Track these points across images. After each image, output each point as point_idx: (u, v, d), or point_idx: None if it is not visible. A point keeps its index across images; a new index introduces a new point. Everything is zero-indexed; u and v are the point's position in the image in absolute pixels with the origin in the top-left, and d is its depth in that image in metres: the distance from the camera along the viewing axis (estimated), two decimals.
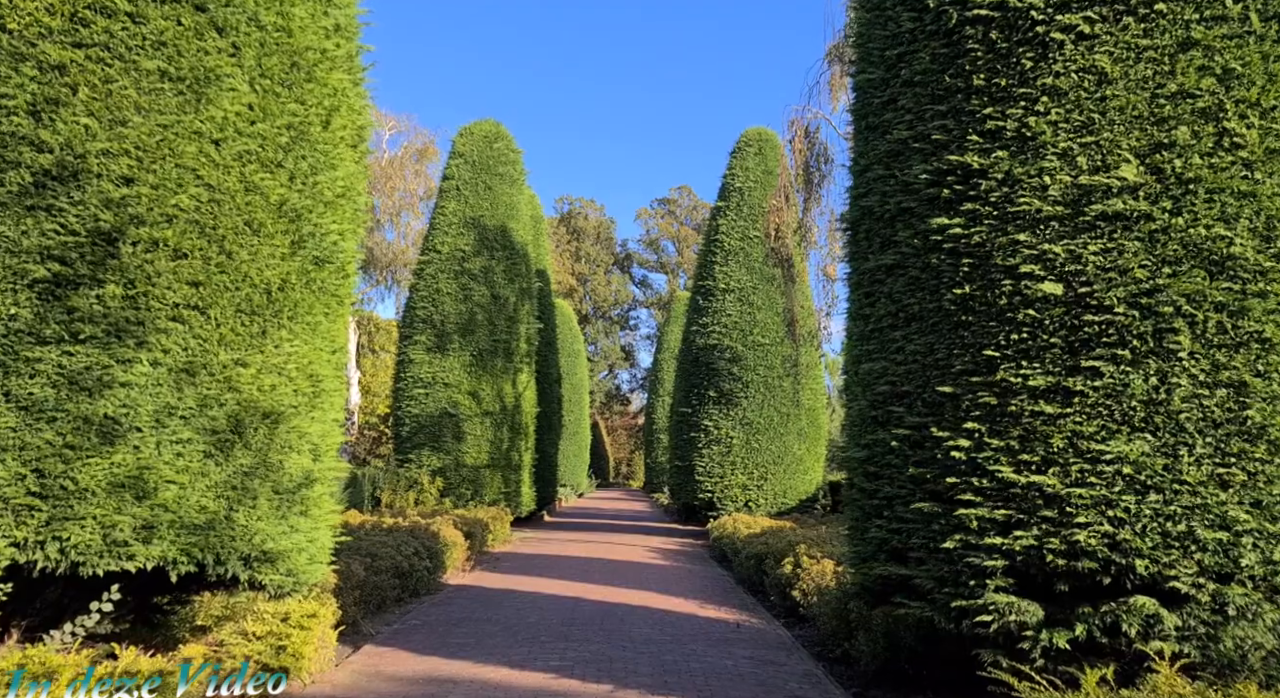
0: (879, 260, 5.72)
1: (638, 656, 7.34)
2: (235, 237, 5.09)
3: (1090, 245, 4.72)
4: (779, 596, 10.19)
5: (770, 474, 20.52)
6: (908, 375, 5.42)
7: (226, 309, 5.04)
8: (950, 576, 5.02)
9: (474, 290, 21.00)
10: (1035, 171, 4.90)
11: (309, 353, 5.66)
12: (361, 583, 8.80)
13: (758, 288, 21.37)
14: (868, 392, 5.78)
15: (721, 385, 20.96)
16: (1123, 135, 4.73)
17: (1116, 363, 4.64)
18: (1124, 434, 4.60)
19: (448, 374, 20.51)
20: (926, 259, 5.33)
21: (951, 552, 4.99)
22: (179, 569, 4.84)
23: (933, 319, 5.27)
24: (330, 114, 5.69)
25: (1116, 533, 4.55)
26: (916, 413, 5.31)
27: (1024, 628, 4.78)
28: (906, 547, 5.34)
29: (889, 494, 5.49)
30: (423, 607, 9.88)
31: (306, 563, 5.76)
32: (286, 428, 5.43)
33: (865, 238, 6.00)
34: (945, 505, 5.07)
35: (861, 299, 6.01)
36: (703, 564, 14.98)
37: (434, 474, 19.91)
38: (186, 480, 4.79)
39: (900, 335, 5.51)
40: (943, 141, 5.30)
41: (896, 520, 5.40)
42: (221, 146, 5.04)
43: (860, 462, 5.83)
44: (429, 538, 11.80)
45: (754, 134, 22.55)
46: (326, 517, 6.14)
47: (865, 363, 5.84)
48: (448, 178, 21.87)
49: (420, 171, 29.50)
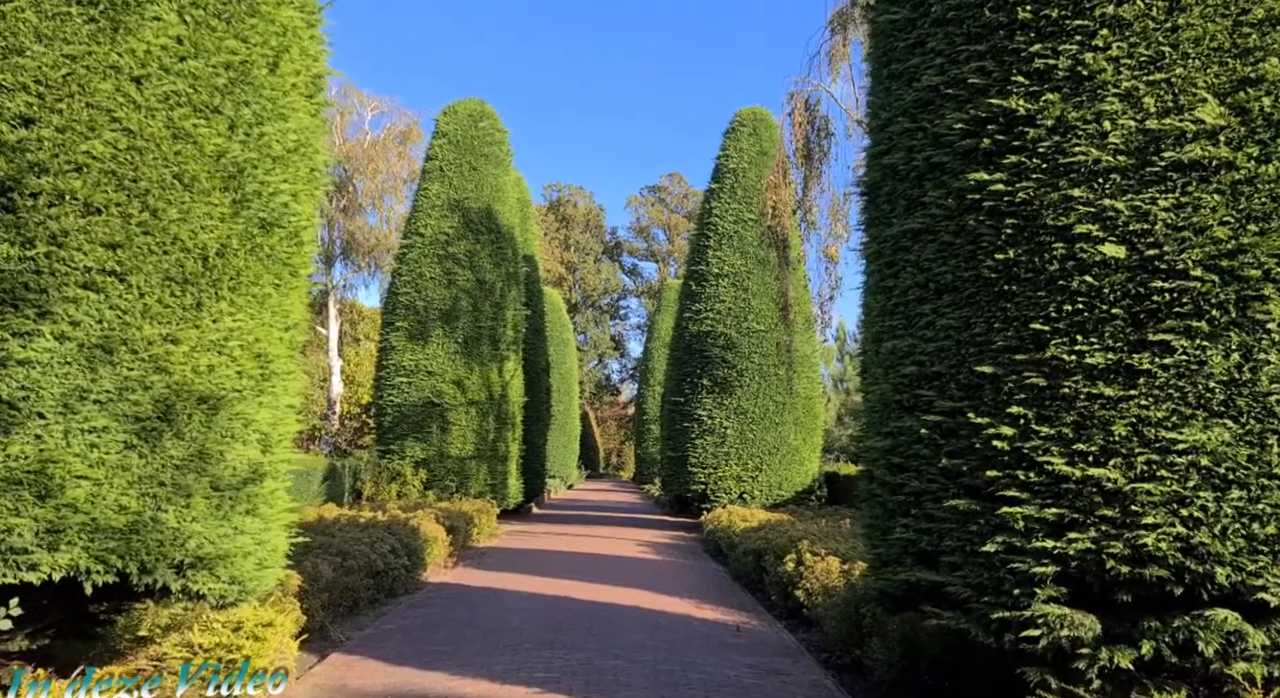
0: (904, 225, 5.04)
1: (630, 665, 6.68)
2: (162, 192, 4.36)
3: (1160, 200, 4.05)
4: (780, 595, 9.56)
5: (765, 465, 19.89)
6: (939, 354, 4.74)
7: (152, 276, 4.32)
8: (990, 583, 4.36)
9: (458, 275, 20.24)
10: (1093, 116, 4.22)
11: (256, 329, 4.94)
12: (330, 585, 8.12)
13: (752, 273, 20.68)
14: (891, 373, 5.11)
15: (715, 374, 20.29)
16: (1198, 71, 4.06)
17: (1191, 337, 3.97)
18: (1200, 420, 3.94)
19: (431, 362, 19.78)
20: (962, 221, 4.65)
21: (993, 556, 4.33)
22: (94, 580, 4.14)
23: (969, 290, 4.60)
24: (278, 56, 4.96)
25: (1191, 535, 3.90)
26: (950, 397, 4.65)
27: (1078, 645, 4.13)
28: (938, 550, 4.68)
29: (917, 489, 4.83)
30: (399, 608, 9.21)
31: (255, 569, 5.06)
32: (228, 415, 4.72)
33: (887, 201, 5.32)
34: (985, 503, 4.40)
35: (883, 270, 5.33)
36: (696, 559, 14.35)
37: (417, 466, 19.20)
38: (102, 476, 4.08)
39: (930, 309, 4.84)
40: (981, 86, 4.62)
41: (926, 519, 4.74)
42: (144, 85, 4.30)
43: (882, 452, 5.16)
44: (407, 534, 11.12)
45: (748, 114, 21.82)
46: (280, 515, 5.44)
47: (888, 341, 5.17)
48: (431, 158, 21.07)
49: (404, 154, 28.65)
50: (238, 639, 5.60)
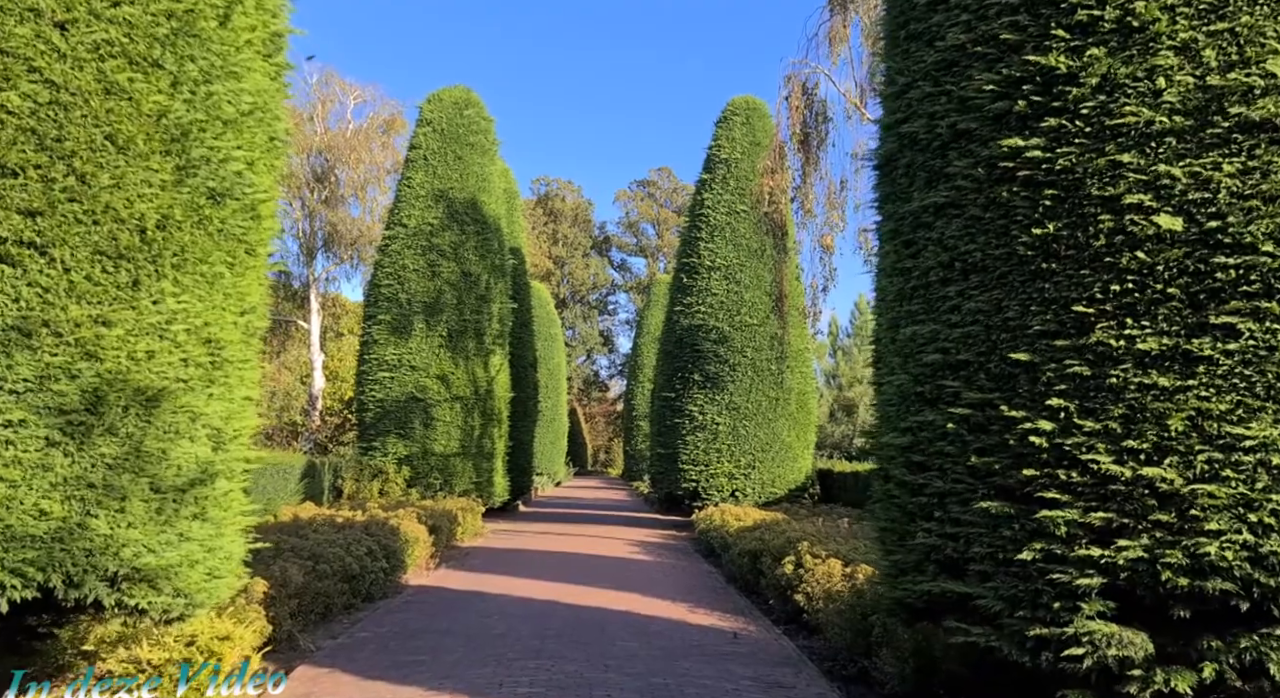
0: (926, 199, 4.57)
1: (622, 678, 6.20)
2: (92, 154, 3.83)
3: (1223, 166, 3.59)
4: (778, 599, 9.10)
5: (758, 462, 19.44)
6: (966, 340, 4.27)
7: (80, 250, 3.79)
8: (1026, 596, 3.90)
9: (443, 267, 19.67)
10: (1144, 72, 3.75)
11: (205, 312, 4.41)
12: (300, 590, 7.60)
13: (745, 265, 20.20)
14: (910, 362, 4.64)
15: (707, 368, 19.82)
16: (1267, 19, 3.60)
17: (1259, 319, 3.52)
18: (1270, 413, 3.49)
19: (415, 356, 19.22)
20: (993, 193, 4.18)
21: (1029, 565, 3.87)
22: (10, 595, 3.62)
23: (1001, 268, 4.13)
24: (229, 7, 4.43)
25: (1261, 543, 3.44)
26: (979, 387, 4.18)
27: (1128, 665, 3.68)
28: (965, 557, 4.22)
29: (941, 490, 4.36)
30: (376, 614, 8.70)
31: (204, 580, 4.54)
32: (171, 408, 4.20)
33: (905, 174, 4.84)
34: (1020, 505, 3.94)
35: (900, 250, 4.86)
36: (688, 559, 13.89)
37: (400, 463, 18.66)
38: (18, 477, 3.56)
39: (955, 291, 4.36)
40: (1015, 42, 4.15)
41: (951, 523, 4.27)
42: (69, 32, 3.77)
43: (900, 450, 4.69)
44: (386, 535, 10.59)
45: (741, 102, 21.32)
46: (236, 519, 4.92)
47: (907, 327, 4.69)
48: (414, 147, 20.46)
49: (387, 144, 28.01)
50: (191, 653, 5.08)
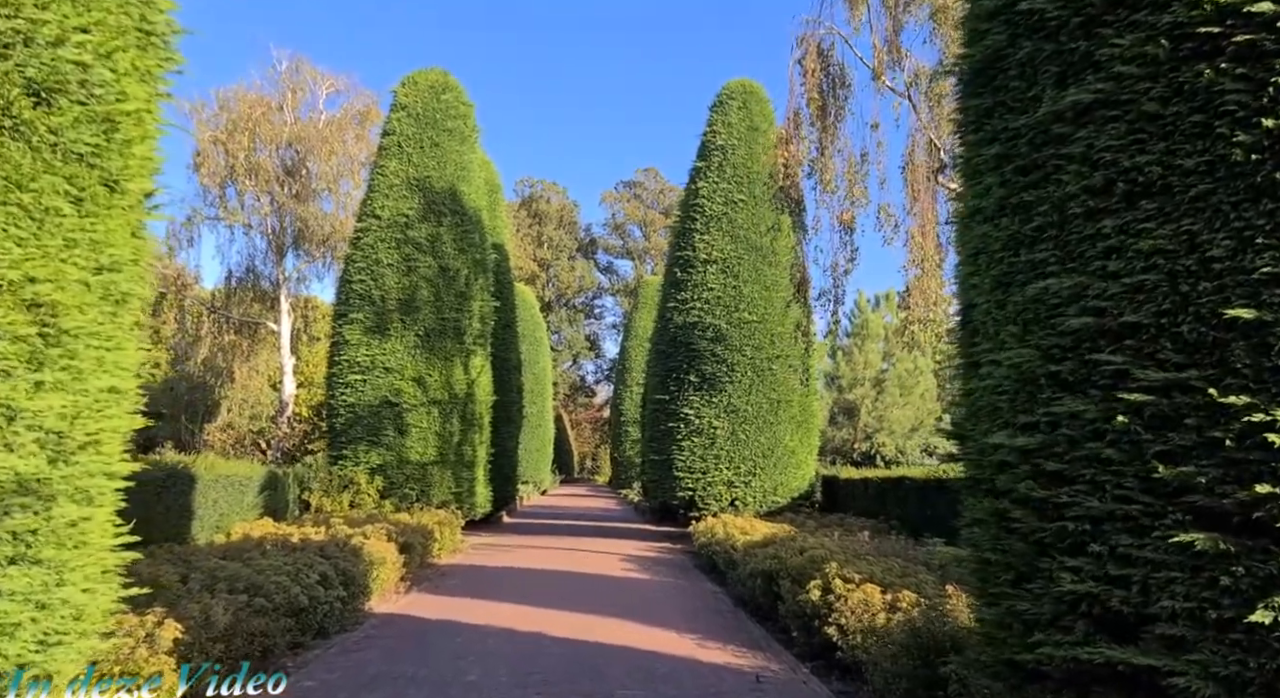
0: (1062, 101, 3.24)
1: None
2: None
3: None
4: (802, 630, 7.76)
5: (759, 469, 18.09)
6: (1136, 295, 2.95)
7: None
8: (1260, 676, 2.57)
9: (419, 262, 18.24)
10: None
11: (31, 265, 3.04)
12: (228, 631, 6.19)
13: (743, 258, 18.88)
14: (1037, 331, 3.31)
15: (703, 369, 18.47)
16: None
17: None
18: None
19: (389, 358, 17.78)
20: (1178, 77, 2.86)
21: (1268, 632, 2.54)
22: None
23: (1197, 186, 2.81)
24: None
25: None
26: (1161, 363, 2.85)
27: None
28: (1143, 614, 2.88)
29: (1096, 513, 3.02)
30: (328, 654, 7.29)
31: (33, 648, 3.15)
32: None
33: (1020, 74, 3.52)
34: (1246, 539, 2.62)
35: (1012, 179, 3.53)
36: (688, 577, 12.53)
37: (373, 473, 17.20)
38: None
39: (1114, 227, 3.03)
40: None
41: (1118, 563, 2.94)
42: None
43: (1022, 455, 3.35)
44: (346, 557, 9.17)
45: (737, 86, 20.05)
46: (95, 558, 3.52)
47: (1029, 283, 3.36)
48: (388, 134, 19.06)
49: (362, 135, 26.53)
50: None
